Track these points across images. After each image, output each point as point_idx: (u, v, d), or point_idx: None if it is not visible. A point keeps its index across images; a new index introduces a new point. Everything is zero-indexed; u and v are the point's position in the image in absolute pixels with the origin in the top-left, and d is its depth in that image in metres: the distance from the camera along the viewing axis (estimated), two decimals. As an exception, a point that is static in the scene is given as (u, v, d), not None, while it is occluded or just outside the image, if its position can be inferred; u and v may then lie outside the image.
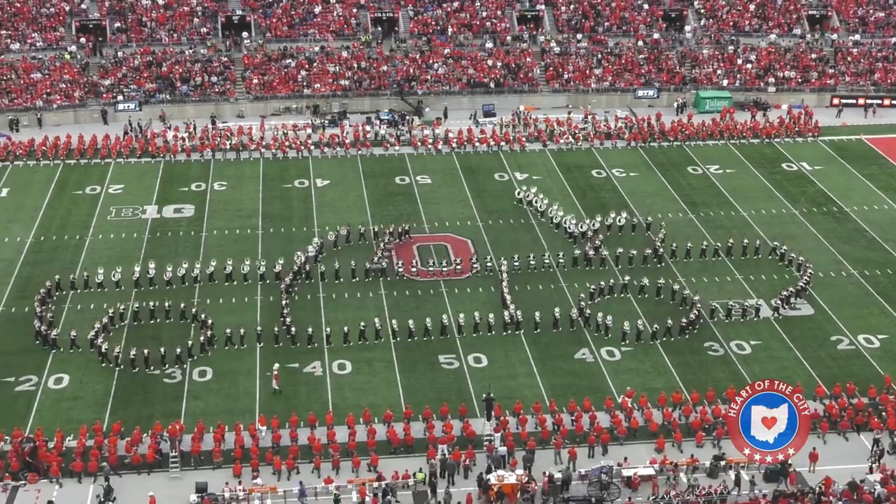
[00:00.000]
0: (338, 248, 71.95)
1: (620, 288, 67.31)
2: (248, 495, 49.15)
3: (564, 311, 63.92)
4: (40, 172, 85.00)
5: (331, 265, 68.79)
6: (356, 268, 68.69)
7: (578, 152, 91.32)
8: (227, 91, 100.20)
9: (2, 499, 49.26)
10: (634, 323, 62.99)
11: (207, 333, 60.77)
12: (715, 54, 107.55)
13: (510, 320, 63.21)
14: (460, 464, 51.37)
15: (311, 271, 68.61)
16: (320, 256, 70.26)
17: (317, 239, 72.16)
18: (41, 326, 61.08)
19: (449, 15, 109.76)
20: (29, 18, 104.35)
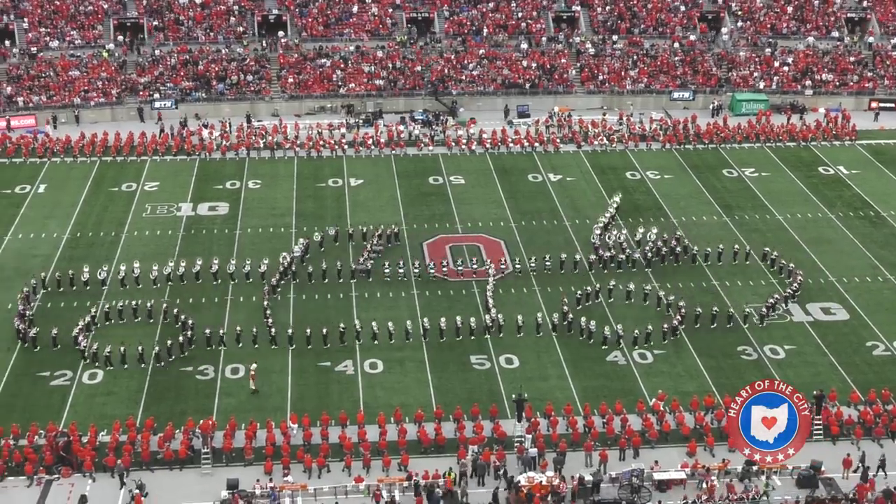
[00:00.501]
0: (323, 249, 71.89)
1: (607, 293, 66.77)
2: (278, 493, 49.34)
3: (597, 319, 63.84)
4: (77, 169, 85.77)
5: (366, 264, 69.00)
6: (390, 270, 68.93)
7: (613, 154, 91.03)
8: (262, 90, 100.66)
9: (36, 492, 49.73)
10: (616, 328, 62.71)
11: (188, 334, 61.03)
12: (752, 56, 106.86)
13: (491, 323, 62.91)
14: (490, 464, 51.34)
15: (343, 270, 68.70)
16: (306, 257, 70.38)
17: (302, 240, 72.10)
18: (20, 325, 61.44)
19: (484, 15, 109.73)
20: (68, 16, 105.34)
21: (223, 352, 60.51)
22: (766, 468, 50.95)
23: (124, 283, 67.09)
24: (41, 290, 66.40)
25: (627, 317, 64.32)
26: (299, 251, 70.62)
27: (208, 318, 63.79)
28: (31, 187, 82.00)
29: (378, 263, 69.61)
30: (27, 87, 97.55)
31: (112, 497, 49.51)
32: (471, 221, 77.46)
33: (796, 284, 67.18)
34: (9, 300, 65.07)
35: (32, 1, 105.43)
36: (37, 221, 76.37)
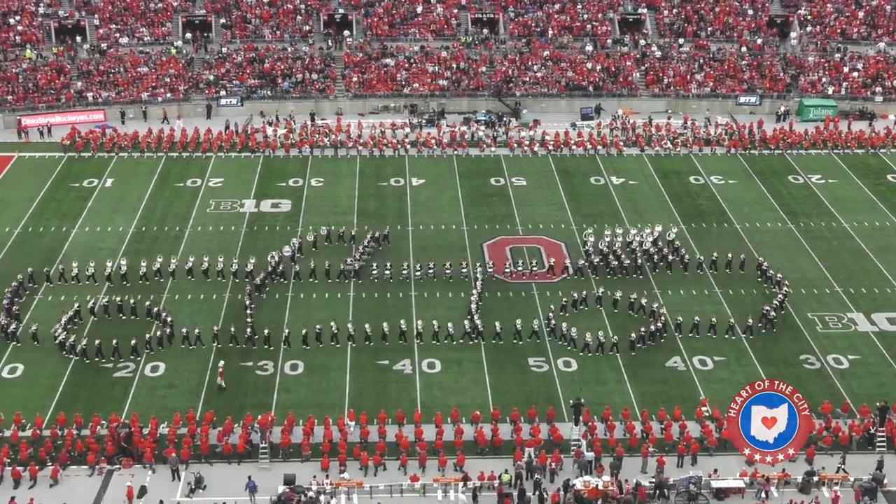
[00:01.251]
0: (316, 248, 72.03)
1: (595, 299, 66.16)
2: (334, 489, 49.63)
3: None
4: (144, 164, 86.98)
5: (425, 265, 69.21)
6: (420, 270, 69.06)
7: (676, 158, 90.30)
8: (326, 88, 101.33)
9: (97, 482, 50.48)
10: (596, 334, 62.00)
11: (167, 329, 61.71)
12: (820, 62, 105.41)
13: (471, 330, 62.57)
14: (546, 467, 51.20)
15: (393, 270, 68.90)
16: (298, 256, 70.60)
17: (295, 240, 72.20)
18: (6, 319, 62.06)
19: (549, 17, 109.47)
20: (138, 13, 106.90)
21: (283, 348, 61.00)
22: (825, 479, 50.30)
23: (191, 274, 68.24)
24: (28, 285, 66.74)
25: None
26: (290, 251, 70.85)
27: (268, 314, 64.44)
28: (99, 181, 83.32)
29: (368, 264, 70.03)
30: (97, 82, 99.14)
31: (171, 489, 50.12)
32: (531, 223, 77.31)
33: (781, 296, 66.05)
34: (74, 292, 66.19)
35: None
36: (103, 215, 77.58)
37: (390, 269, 68.90)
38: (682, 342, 61.96)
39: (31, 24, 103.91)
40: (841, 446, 52.97)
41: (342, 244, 72.78)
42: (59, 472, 50.36)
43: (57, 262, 69.41)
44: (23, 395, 56.63)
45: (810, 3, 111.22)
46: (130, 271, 68.26)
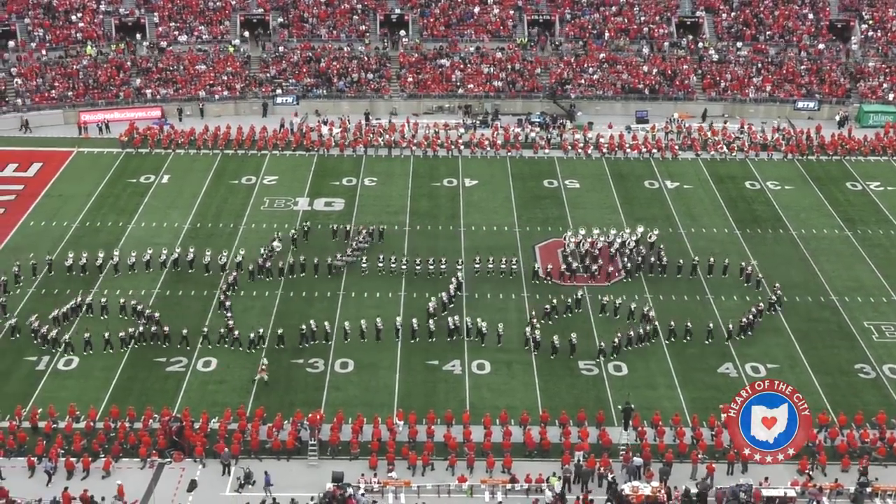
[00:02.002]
0: (296, 246, 72.35)
1: (575, 304, 65.82)
2: (382, 488, 49.78)
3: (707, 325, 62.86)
4: (200, 161, 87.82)
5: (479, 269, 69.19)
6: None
7: (732, 163, 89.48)
8: (381, 88, 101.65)
9: (148, 475, 51.09)
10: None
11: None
12: (882, 67, 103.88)
13: (454, 327, 62.52)
14: (595, 471, 50.97)
15: (447, 268, 68.97)
16: (292, 248, 71.50)
17: (276, 242, 72.49)
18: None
19: (606, 19, 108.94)
20: (196, 11, 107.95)
21: (333, 346, 61.29)
22: (878, 490, 49.58)
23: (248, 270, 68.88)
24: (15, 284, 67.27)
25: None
26: (277, 247, 71.39)
27: (320, 311, 64.84)
28: (156, 177, 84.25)
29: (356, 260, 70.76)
30: (155, 79, 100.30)
31: (221, 483, 50.60)
32: (584, 226, 76.95)
33: (767, 303, 65.51)
34: (129, 287, 67.04)
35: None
36: (159, 211, 78.46)
37: (445, 265, 69.12)
38: (734, 348, 61.31)
39: (93, 21, 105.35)
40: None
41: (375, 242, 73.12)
42: (112, 464, 51.04)
43: (112, 257, 70.21)
44: (78, 387, 57.46)
45: (872, 7, 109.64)
46: (184, 265, 69.19)
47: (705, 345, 61.77)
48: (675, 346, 61.60)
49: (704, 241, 74.14)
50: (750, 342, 61.89)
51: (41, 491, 49.31)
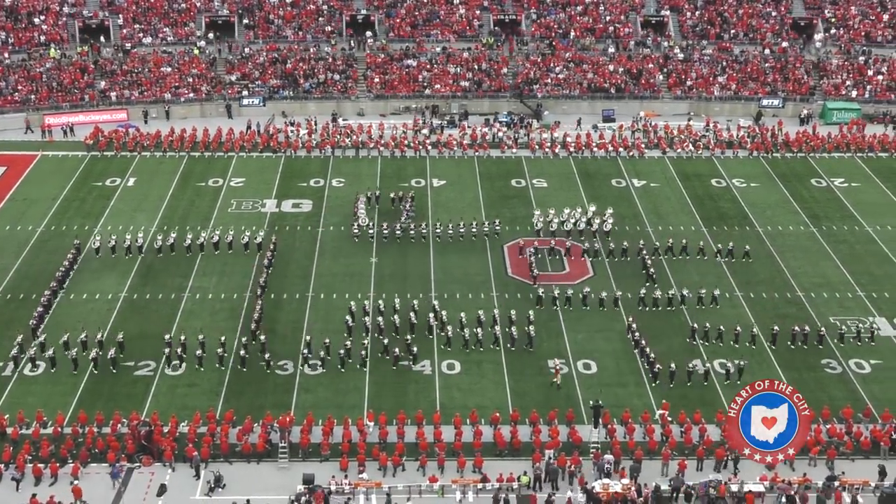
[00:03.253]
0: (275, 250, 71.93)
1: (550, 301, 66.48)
2: (353, 489, 49.68)
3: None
4: (166, 163, 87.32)
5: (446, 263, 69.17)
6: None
7: (699, 161, 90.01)
8: (348, 89, 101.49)
9: (117, 480, 50.66)
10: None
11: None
12: (844, 65, 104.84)
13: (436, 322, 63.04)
14: (565, 469, 51.09)
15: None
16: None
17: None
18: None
19: (572, 18, 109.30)
20: (161, 13, 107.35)
21: (303, 347, 61.07)
22: (845, 483, 49.98)
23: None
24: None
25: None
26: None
27: (289, 313, 64.62)
28: (122, 180, 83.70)
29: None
30: (120, 82, 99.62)
31: (191, 487, 50.29)
32: (552, 225, 77.12)
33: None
34: (97, 290, 66.56)
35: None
36: (126, 214, 77.92)
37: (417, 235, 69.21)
38: (703, 348, 61.62)
39: (56, 23, 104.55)
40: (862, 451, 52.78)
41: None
42: (80, 470, 50.60)
43: (79, 262, 69.77)
44: (45, 392, 56.90)
45: (834, 5, 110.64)
46: (151, 268, 68.77)
47: (674, 342, 61.96)
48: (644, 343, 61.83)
49: (672, 238, 74.42)
50: (718, 339, 62.12)
51: (10, 498, 48.81)
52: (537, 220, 75.54)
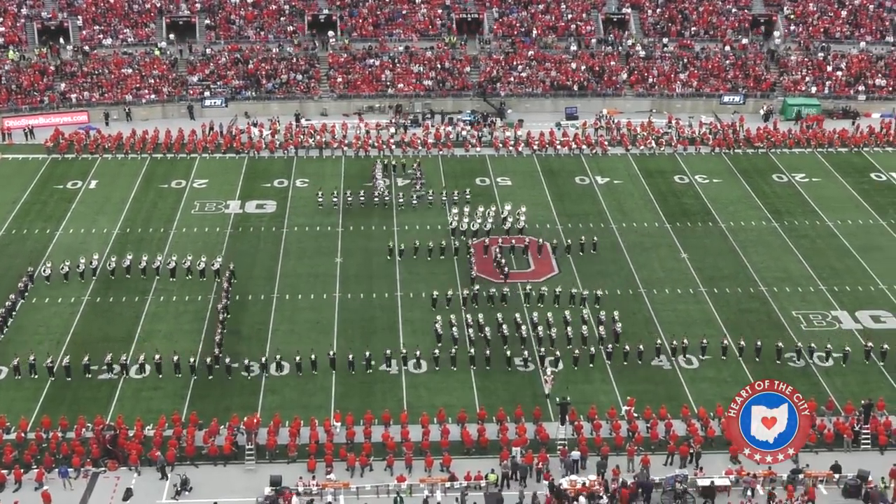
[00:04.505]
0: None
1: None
2: (321, 490, 49.57)
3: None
4: (128, 165, 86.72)
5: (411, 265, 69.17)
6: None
7: (661, 157, 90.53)
8: (311, 89, 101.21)
9: (83, 484, 50.26)
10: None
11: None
12: (804, 61, 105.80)
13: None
14: (532, 466, 51.23)
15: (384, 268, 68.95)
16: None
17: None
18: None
19: (534, 17, 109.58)
20: (121, 14, 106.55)
21: (268, 349, 60.89)
22: (809, 476, 50.44)
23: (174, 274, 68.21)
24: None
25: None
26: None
27: (254, 314, 64.40)
28: (83, 183, 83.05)
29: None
30: (80, 84, 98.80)
31: (157, 490, 49.96)
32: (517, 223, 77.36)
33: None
34: (59, 295, 66.02)
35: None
36: (87, 217, 77.32)
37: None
38: (667, 341, 61.96)
39: (14, 25, 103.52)
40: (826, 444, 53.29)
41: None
42: (44, 476, 50.12)
43: (41, 264, 69.15)
44: (7, 397, 56.31)
45: (793, 2, 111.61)
46: (115, 272, 68.29)
47: (639, 338, 62.23)
48: (609, 340, 62.00)
49: (635, 235, 74.90)
50: (682, 334, 62.44)
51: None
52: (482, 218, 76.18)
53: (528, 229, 75.69)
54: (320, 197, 78.99)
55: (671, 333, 62.51)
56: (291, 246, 73.17)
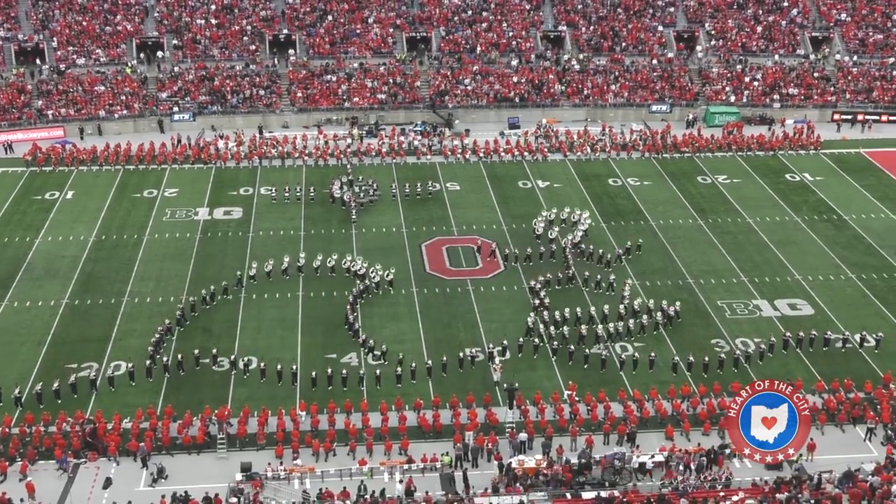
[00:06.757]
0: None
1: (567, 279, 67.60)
2: (288, 475, 49.31)
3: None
4: (102, 177, 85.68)
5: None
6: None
7: (596, 162, 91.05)
8: (273, 103, 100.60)
9: (64, 476, 49.57)
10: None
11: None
12: (724, 72, 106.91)
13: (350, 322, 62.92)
14: (483, 448, 51.32)
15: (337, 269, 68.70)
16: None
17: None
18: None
19: (478, 35, 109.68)
20: (94, 36, 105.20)
21: (237, 345, 60.44)
22: (736, 451, 50.87)
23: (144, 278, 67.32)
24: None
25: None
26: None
27: (222, 314, 63.89)
28: (60, 194, 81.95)
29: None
30: (56, 101, 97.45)
31: (135, 479, 49.43)
32: (466, 224, 77.46)
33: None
34: (39, 298, 65.08)
35: (61, 22, 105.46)
36: (65, 225, 76.30)
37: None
38: (604, 330, 62.24)
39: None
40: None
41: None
42: (28, 468, 49.40)
43: (21, 271, 68.18)
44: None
45: (713, 19, 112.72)
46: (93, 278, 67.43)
47: (579, 328, 62.47)
48: (552, 329, 62.25)
49: (575, 234, 75.15)
50: (618, 321, 62.81)
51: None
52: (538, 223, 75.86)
53: (477, 230, 75.90)
54: (286, 193, 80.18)
55: (610, 323, 62.82)
56: (257, 249, 72.68)
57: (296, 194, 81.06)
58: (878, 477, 47.98)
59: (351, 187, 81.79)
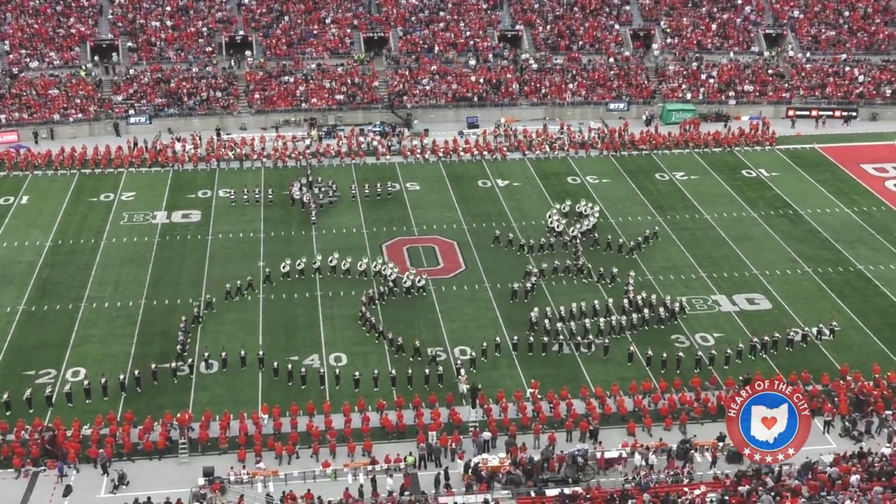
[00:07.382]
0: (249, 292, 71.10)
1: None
2: (251, 478, 49.05)
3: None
4: (58, 181, 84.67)
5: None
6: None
7: (555, 161, 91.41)
8: (230, 105, 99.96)
9: (24, 483, 49.01)
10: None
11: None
12: (680, 70, 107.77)
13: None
14: (447, 448, 51.36)
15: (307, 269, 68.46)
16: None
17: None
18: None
19: (435, 34, 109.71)
20: (47, 38, 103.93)
21: (198, 349, 60.00)
22: (698, 445, 51.38)
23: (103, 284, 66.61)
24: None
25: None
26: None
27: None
28: (15, 199, 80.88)
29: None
30: (9, 105, 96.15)
31: (95, 486, 48.94)
32: (426, 224, 77.47)
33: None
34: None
35: (13, 24, 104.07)
36: (21, 231, 75.31)
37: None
38: (565, 328, 62.52)
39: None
40: (710, 416, 54.33)
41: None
42: (-13, 476, 48.85)
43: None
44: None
45: (669, 17, 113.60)
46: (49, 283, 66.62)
47: (540, 327, 62.71)
48: (513, 329, 62.42)
49: (535, 232, 75.46)
50: (580, 318, 63.13)
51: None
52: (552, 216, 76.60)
53: (437, 230, 75.95)
54: (245, 195, 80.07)
55: (569, 320, 63.13)
56: (217, 252, 72.22)
57: (254, 196, 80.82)
58: (837, 468, 48.62)
59: (310, 188, 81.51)
